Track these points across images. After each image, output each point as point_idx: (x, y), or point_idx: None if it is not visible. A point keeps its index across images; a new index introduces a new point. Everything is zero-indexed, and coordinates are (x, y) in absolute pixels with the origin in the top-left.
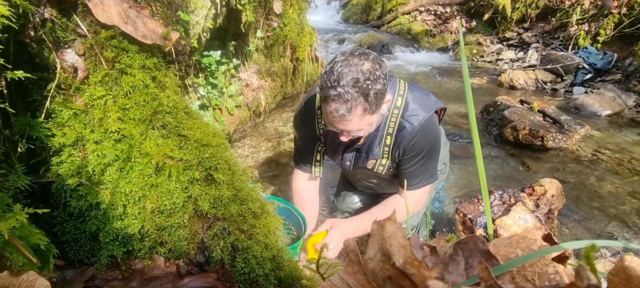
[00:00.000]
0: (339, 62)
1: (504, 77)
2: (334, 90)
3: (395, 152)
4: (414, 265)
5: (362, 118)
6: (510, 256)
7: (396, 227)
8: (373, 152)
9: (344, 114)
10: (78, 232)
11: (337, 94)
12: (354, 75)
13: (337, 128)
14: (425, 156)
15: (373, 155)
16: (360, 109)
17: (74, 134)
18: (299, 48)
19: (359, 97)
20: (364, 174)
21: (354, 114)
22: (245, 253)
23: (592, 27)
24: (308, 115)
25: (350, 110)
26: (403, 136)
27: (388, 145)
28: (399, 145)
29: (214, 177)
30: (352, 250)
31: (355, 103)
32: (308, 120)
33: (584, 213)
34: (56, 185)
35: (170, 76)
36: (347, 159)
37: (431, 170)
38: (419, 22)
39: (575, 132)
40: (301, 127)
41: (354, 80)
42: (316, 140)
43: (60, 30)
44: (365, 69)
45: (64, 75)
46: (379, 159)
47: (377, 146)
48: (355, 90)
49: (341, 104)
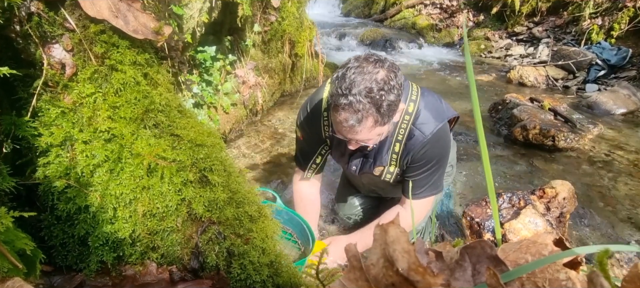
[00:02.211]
0: (352, 68)
1: (513, 74)
2: (345, 98)
3: (404, 160)
4: (418, 271)
5: (372, 129)
6: (519, 262)
7: (400, 232)
8: (381, 159)
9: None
10: (66, 236)
11: (348, 103)
12: (367, 84)
13: (346, 137)
14: (433, 166)
15: (381, 162)
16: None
17: (61, 133)
18: (298, 43)
19: (370, 108)
20: (369, 179)
21: (364, 125)
22: (241, 258)
23: (606, 21)
24: (314, 117)
25: (361, 121)
26: (413, 145)
27: (397, 153)
28: (408, 153)
29: (208, 179)
30: (354, 256)
31: (366, 114)
32: (313, 123)
33: (597, 217)
34: (43, 187)
35: (162, 73)
36: (354, 164)
37: (437, 181)
38: (423, 16)
39: (588, 132)
40: (306, 127)
41: (367, 90)
42: (321, 142)
43: (47, 25)
44: (379, 77)
45: (51, 72)
46: (386, 166)
47: (386, 153)
48: (367, 100)
49: (351, 113)
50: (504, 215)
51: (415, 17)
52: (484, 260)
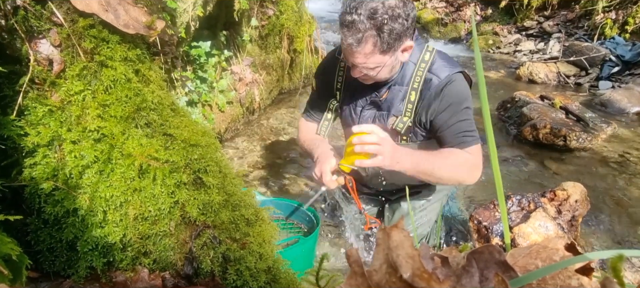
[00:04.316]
0: None
1: (522, 70)
2: (350, 16)
3: (423, 111)
4: (423, 278)
5: (371, 55)
6: (529, 267)
7: (404, 236)
8: (395, 108)
9: (353, 44)
10: (53, 240)
11: (352, 20)
12: (373, 5)
13: (348, 60)
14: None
15: (395, 112)
16: (371, 44)
17: (49, 133)
18: (297, 38)
19: (371, 30)
20: None
21: (363, 47)
22: (237, 264)
23: (620, 15)
24: (329, 64)
25: (360, 41)
26: (429, 89)
27: (412, 102)
28: (426, 99)
29: (203, 181)
30: (355, 261)
31: (366, 35)
32: (328, 70)
33: (611, 221)
34: (29, 190)
35: (155, 69)
36: (366, 117)
37: (473, 125)
38: (428, 9)
39: (602, 131)
40: (321, 75)
41: (372, 11)
42: (331, 95)
43: (33, 19)
44: (387, 3)
45: (37, 69)
46: (400, 116)
47: (400, 102)
48: (370, 21)
49: (353, 33)
50: (513, 219)
51: (420, 10)
52: (492, 265)
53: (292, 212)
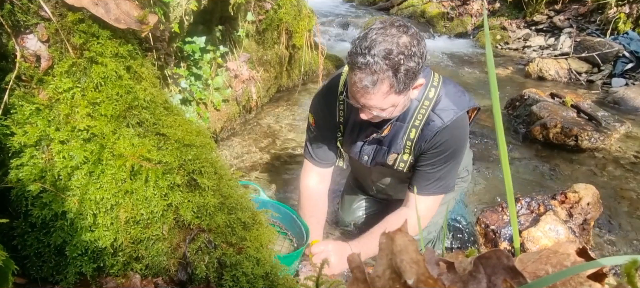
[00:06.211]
0: (375, 29)
1: (532, 67)
2: (363, 58)
3: (417, 147)
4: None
5: (387, 95)
6: (539, 273)
7: (408, 240)
8: (396, 146)
9: (368, 86)
10: (41, 245)
11: (366, 62)
12: (387, 46)
13: (359, 102)
14: (447, 158)
15: (395, 149)
16: (387, 85)
17: (36, 132)
18: (296, 33)
19: (387, 71)
20: (380, 173)
21: (379, 88)
22: (233, 269)
23: (634, 9)
24: (329, 96)
25: (376, 83)
26: (430, 130)
27: (411, 139)
28: (423, 139)
29: (197, 182)
30: (357, 266)
31: (382, 76)
32: (328, 103)
33: (625, 224)
34: (16, 192)
35: (147, 66)
36: (366, 152)
37: (449, 178)
38: (434, 3)
39: (615, 130)
40: (319, 110)
41: (387, 52)
42: (334, 128)
43: (20, 13)
44: (401, 42)
45: (24, 65)
46: (400, 154)
47: (400, 139)
48: (385, 62)
49: (367, 74)
50: (522, 222)
51: (425, 4)
52: (500, 271)
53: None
